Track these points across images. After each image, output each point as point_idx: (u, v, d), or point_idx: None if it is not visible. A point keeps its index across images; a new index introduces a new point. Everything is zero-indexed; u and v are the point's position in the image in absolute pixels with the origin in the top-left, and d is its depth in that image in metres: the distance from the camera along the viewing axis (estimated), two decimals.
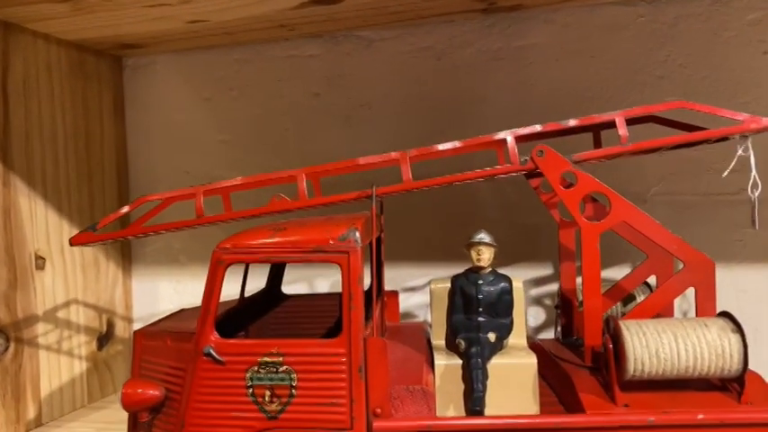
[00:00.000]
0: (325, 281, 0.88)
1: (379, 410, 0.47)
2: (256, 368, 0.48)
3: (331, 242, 0.48)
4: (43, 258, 0.82)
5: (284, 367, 0.48)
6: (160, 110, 0.96)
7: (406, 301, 0.86)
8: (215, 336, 0.49)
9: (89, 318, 0.90)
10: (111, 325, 0.93)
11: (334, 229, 0.49)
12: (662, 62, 0.78)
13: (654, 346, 0.47)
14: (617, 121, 0.54)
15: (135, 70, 0.96)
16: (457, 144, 0.55)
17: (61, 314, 0.85)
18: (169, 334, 0.54)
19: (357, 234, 0.49)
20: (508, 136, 0.54)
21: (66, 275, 0.86)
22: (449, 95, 0.84)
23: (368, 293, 0.54)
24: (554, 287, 0.80)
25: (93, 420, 0.83)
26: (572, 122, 0.55)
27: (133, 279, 0.98)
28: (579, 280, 0.58)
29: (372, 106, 0.87)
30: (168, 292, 0.97)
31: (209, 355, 0.49)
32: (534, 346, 0.60)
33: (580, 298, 0.61)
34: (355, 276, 0.48)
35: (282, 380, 0.48)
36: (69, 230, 0.86)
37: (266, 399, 0.48)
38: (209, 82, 0.94)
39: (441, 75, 0.85)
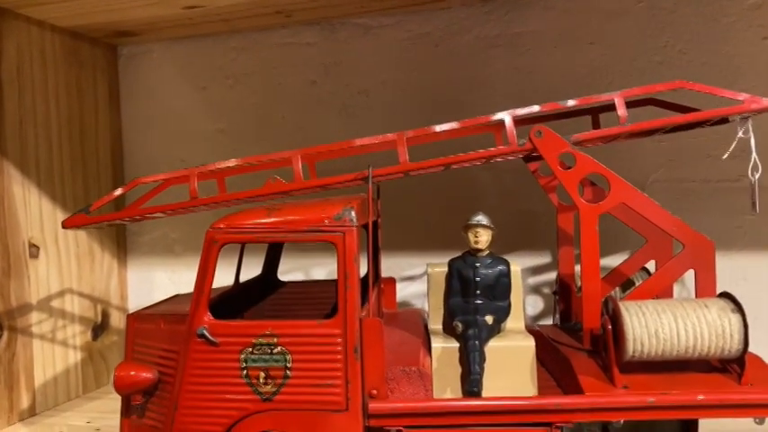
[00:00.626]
0: (322, 270, 0.88)
1: (374, 392, 0.47)
2: (250, 349, 0.48)
3: (326, 221, 0.48)
4: (37, 246, 0.82)
5: (278, 348, 0.47)
6: (156, 99, 0.95)
7: (404, 290, 0.86)
8: (208, 317, 0.48)
9: (84, 307, 0.89)
10: (105, 315, 0.93)
11: (329, 209, 0.48)
12: (661, 48, 0.77)
13: (653, 326, 0.46)
14: (616, 101, 0.53)
15: (130, 59, 0.96)
16: (454, 125, 0.54)
17: (55, 303, 0.84)
18: (162, 316, 0.53)
19: (353, 213, 0.48)
20: (506, 116, 0.53)
21: (61, 264, 0.85)
22: (447, 82, 0.84)
23: (364, 280, 0.53)
24: (552, 275, 0.80)
25: (87, 410, 0.82)
26: (571, 103, 0.54)
27: (128, 269, 0.97)
28: (578, 268, 0.58)
29: (370, 94, 0.87)
30: (164, 282, 0.96)
31: (202, 336, 0.48)
32: (532, 331, 0.59)
33: (579, 283, 0.60)
34: (351, 256, 0.47)
35: (277, 361, 0.47)
36: (63, 219, 0.85)
37: (260, 380, 0.47)
38: (206, 71, 0.93)
39: (438, 62, 0.84)
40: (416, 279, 0.86)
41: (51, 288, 0.84)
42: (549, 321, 0.79)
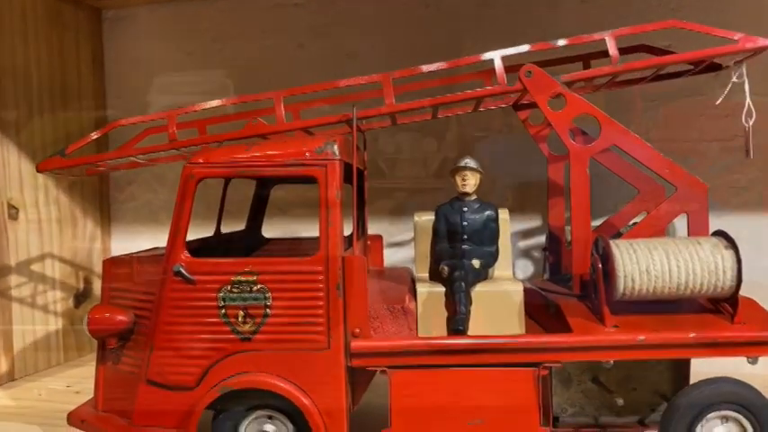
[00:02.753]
0: (311, 235, 0.86)
1: (357, 330, 0.45)
2: (229, 287, 0.46)
3: (307, 154, 0.46)
4: (16, 208, 0.80)
5: (258, 286, 0.46)
6: (141, 63, 0.93)
7: (392, 257, 0.84)
8: (185, 254, 0.47)
9: (65, 274, 0.87)
10: (88, 283, 0.91)
11: (310, 143, 0.47)
12: (654, 6, 0.76)
13: (645, 262, 0.45)
14: (607, 40, 0.52)
15: (115, 23, 0.94)
16: (442, 65, 0.53)
17: (36, 268, 0.82)
18: (139, 259, 0.51)
19: (335, 147, 0.46)
20: (495, 56, 0.52)
21: (41, 228, 0.83)
22: (437, 44, 0.82)
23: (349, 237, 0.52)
24: (542, 239, 0.78)
25: (68, 376, 0.80)
26: (561, 42, 0.53)
27: (112, 237, 0.95)
28: (568, 228, 0.57)
29: (359, 56, 0.85)
30: None
31: (179, 273, 0.46)
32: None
33: (569, 238, 0.59)
34: (333, 190, 0.46)
35: (256, 299, 0.46)
36: (44, 183, 0.83)
37: (239, 319, 0.46)
38: (191, 34, 0.91)
39: (429, 23, 0.83)
40: (405, 245, 0.85)
41: (31, 252, 0.82)
42: None
